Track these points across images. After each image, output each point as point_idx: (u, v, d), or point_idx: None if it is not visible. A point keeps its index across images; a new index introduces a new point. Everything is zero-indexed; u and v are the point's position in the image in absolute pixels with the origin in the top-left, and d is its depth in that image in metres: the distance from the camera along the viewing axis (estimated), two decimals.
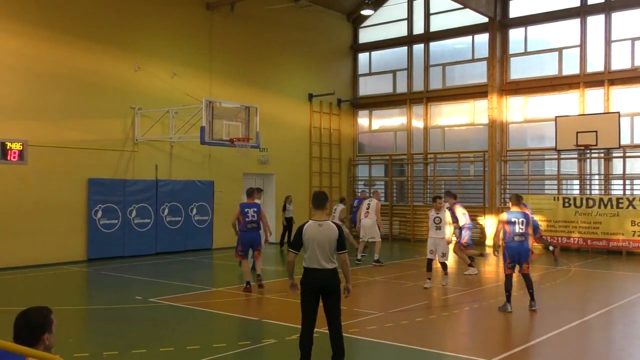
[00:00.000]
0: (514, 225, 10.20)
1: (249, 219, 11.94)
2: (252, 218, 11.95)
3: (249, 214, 11.95)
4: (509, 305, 10.20)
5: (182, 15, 19.58)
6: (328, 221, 6.83)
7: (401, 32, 25.00)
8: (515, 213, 10.36)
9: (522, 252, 10.19)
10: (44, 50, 16.10)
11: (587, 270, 15.92)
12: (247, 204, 12.14)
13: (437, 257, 12.76)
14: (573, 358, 7.89)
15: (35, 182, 15.79)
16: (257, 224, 12.06)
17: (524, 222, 10.21)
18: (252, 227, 11.98)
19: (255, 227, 12.04)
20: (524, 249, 10.20)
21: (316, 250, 6.67)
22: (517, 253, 10.17)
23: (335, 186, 25.06)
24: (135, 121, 18.01)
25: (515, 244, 10.20)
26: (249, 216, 11.94)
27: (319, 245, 6.66)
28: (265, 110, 19.38)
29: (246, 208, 12.03)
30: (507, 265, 10.24)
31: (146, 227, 18.12)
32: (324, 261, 6.68)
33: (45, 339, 3.59)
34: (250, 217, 11.94)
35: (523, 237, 10.19)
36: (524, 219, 10.24)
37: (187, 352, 7.75)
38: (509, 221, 10.27)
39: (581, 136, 19.44)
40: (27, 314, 3.62)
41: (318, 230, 6.71)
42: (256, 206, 12.16)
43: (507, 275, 10.29)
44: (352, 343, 7.96)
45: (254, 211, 12.01)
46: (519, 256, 10.18)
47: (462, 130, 23.82)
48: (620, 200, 18.79)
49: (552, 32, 21.84)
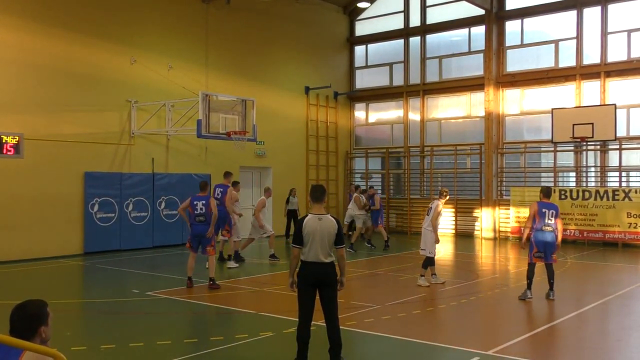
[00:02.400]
0: (544, 216, 10.52)
1: (197, 211, 11.86)
2: (200, 211, 11.86)
3: (198, 206, 11.88)
4: (529, 292, 10.54)
5: (178, 8, 19.50)
6: (327, 215, 6.81)
7: (398, 24, 24.94)
8: (546, 204, 10.70)
9: (550, 242, 10.52)
10: (40, 44, 16.03)
11: (583, 262, 15.98)
12: (198, 197, 12.08)
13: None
14: (570, 349, 7.93)
15: (32, 176, 15.74)
16: (204, 217, 11.87)
17: (553, 213, 10.57)
18: (199, 220, 11.87)
19: (203, 220, 11.87)
20: (552, 239, 10.53)
21: (316, 244, 6.65)
22: (545, 243, 10.52)
23: (332, 179, 25.07)
24: (131, 114, 17.97)
25: (543, 234, 10.54)
26: (197, 209, 11.86)
27: (320, 239, 6.65)
28: (262, 103, 19.35)
29: (195, 200, 11.95)
30: (534, 254, 10.59)
31: (143, 220, 18.11)
32: (322, 255, 6.66)
33: (42, 331, 3.58)
34: (199, 209, 11.87)
35: (551, 227, 10.53)
36: (554, 210, 10.60)
37: (185, 345, 7.76)
38: (540, 211, 10.57)
39: (577, 128, 19.45)
40: (23, 306, 3.61)
41: (318, 224, 6.69)
42: (205, 199, 12.03)
43: (531, 264, 10.64)
44: (349, 335, 7.97)
45: (202, 204, 11.90)
46: (546, 246, 10.51)
47: (458, 122, 23.82)
48: (616, 192, 18.84)
49: (548, 24, 21.81)
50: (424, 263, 12.08)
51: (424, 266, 12.07)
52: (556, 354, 7.61)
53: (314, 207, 6.89)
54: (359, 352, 7.73)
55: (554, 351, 7.70)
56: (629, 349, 7.98)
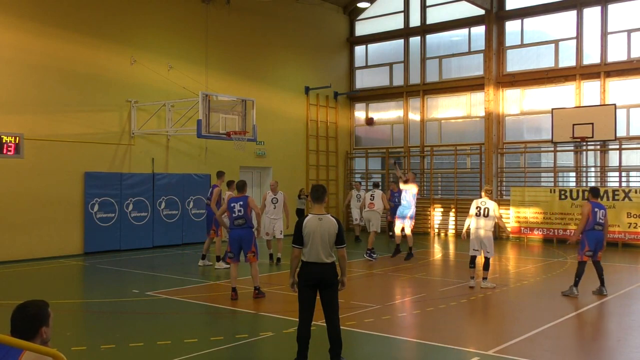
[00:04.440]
0: (596, 215, 10.91)
1: (235, 214, 10.75)
2: (239, 214, 10.73)
3: (235, 209, 10.75)
4: (575, 290, 10.80)
5: (178, 8, 19.51)
6: (328, 215, 6.81)
7: (398, 24, 24.95)
8: (597, 204, 11.08)
9: (600, 241, 10.98)
10: (41, 44, 16.04)
11: None
12: (235, 198, 10.91)
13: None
14: (569, 349, 7.92)
15: (32, 176, 15.75)
16: (244, 221, 10.75)
17: (604, 213, 11.01)
18: (238, 224, 10.74)
19: (243, 224, 10.74)
20: (602, 237, 11.02)
21: (317, 244, 6.65)
22: (597, 241, 10.94)
23: (332, 179, 25.07)
24: (131, 114, 17.97)
25: (595, 233, 10.94)
26: (235, 212, 10.74)
27: (320, 239, 6.65)
28: (262, 103, 19.37)
29: (233, 203, 10.83)
30: (585, 252, 10.92)
31: (143, 220, 18.11)
32: (324, 255, 6.66)
33: (43, 332, 3.59)
34: (237, 212, 10.74)
35: (601, 226, 10.99)
36: (604, 210, 11.04)
37: (185, 345, 7.76)
38: (593, 211, 10.92)
39: (577, 128, 19.46)
40: (25, 307, 3.62)
41: (318, 224, 6.69)
42: (242, 200, 10.80)
43: (583, 262, 10.94)
44: (349, 335, 7.97)
45: (240, 205, 10.75)
46: (597, 245, 10.94)
47: (458, 122, 23.82)
48: (616, 192, 18.84)
49: (548, 24, 21.82)
50: (486, 265, 11.85)
51: (486, 268, 11.85)
52: (556, 354, 7.60)
53: (315, 207, 6.90)
54: (359, 352, 7.72)
55: (554, 351, 7.69)
56: (629, 349, 7.98)
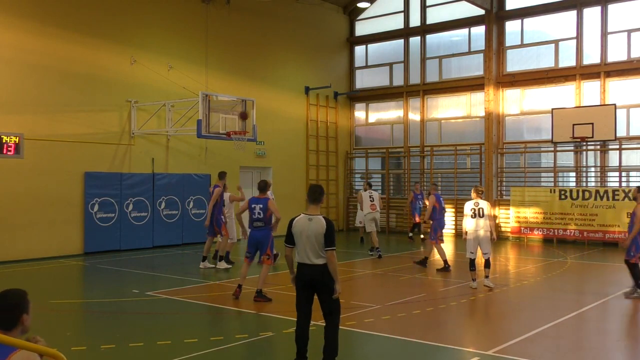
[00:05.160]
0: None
1: (254, 216, 10.68)
2: (258, 215, 10.65)
3: (255, 210, 10.66)
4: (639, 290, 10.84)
5: (178, 8, 19.50)
6: (319, 216, 6.74)
7: (398, 24, 24.94)
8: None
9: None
10: (41, 44, 16.03)
11: (583, 262, 15.97)
12: (256, 199, 10.84)
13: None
14: (569, 349, 7.92)
15: (32, 176, 15.75)
16: (263, 223, 10.65)
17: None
18: (257, 225, 10.68)
19: (261, 226, 10.65)
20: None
21: (304, 244, 6.62)
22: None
23: (332, 179, 25.07)
24: (131, 114, 17.97)
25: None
26: (255, 213, 10.66)
27: (307, 239, 6.61)
28: (262, 103, 19.36)
29: (253, 204, 10.76)
30: (638, 255, 10.93)
31: (143, 220, 18.11)
32: (313, 256, 6.60)
33: (24, 319, 3.63)
34: (257, 214, 10.66)
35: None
36: None
37: (184, 345, 7.76)
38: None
39: (577, 128, 19.46)
40: (5, 296, 3.67)
41: (307, 225, 6.65)
42: (263, 201, 10.70)
43: (636, 264, 10.96)
44: (349, 335, 7.97)
45: (260, 207, 10.65)
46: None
47: (458, 122, 23.81)
48: (616, 192, 18.84)
49: (548, 24, 21.81)
50: (487, 264, 11.83)
51: (487, 267, 11.85)
52: (556, 354, 7.60)
53: (310, 207, 6.86)
54: (359, 352, 7.73)
55: (554, 351, 7.69)
56: (629, 349, 7.98)
